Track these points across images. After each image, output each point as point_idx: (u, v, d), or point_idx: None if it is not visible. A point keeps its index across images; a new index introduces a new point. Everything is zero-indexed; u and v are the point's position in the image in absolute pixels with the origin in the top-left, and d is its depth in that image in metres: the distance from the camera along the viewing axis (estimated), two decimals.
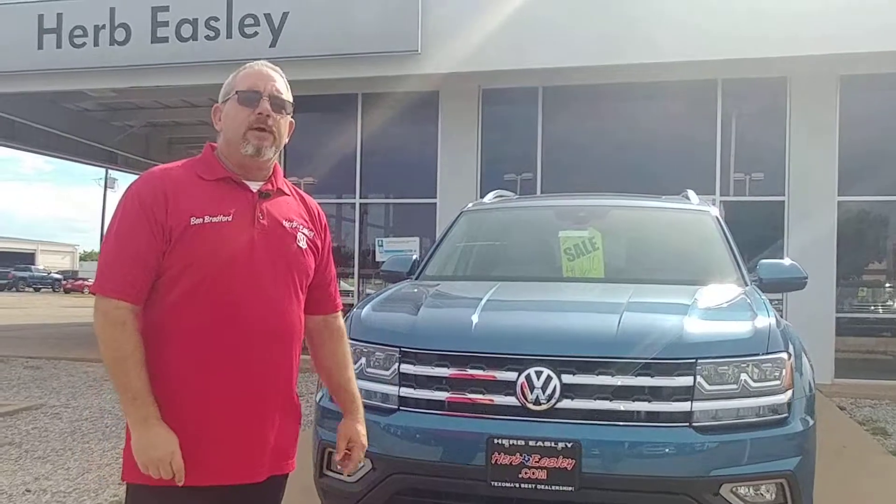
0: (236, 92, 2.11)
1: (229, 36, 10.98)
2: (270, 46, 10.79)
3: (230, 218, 2.03)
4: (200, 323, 1.99)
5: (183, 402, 2.00)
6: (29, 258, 65.05)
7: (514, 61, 10.32)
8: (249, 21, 10.92)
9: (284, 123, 2.15)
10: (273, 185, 2.16)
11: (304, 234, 2.18)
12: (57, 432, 6.41)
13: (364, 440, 2.33)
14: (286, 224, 2.14)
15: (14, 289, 51.47)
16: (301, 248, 2.16)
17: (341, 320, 2.41)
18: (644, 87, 10.95)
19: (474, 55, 10.30)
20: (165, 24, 11.22)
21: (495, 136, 11.57)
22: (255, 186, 2.12)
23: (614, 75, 10.54)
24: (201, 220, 1.99)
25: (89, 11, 11.60)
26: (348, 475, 2.23)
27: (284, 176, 2.24)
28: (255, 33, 10.89)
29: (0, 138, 17.27)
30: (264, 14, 10.85)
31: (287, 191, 2.22)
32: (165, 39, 11.21)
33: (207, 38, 11.05)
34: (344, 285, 12.59)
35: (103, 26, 11.49)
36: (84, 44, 11.59)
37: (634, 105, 11.42)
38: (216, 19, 11.01)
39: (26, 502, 4.60)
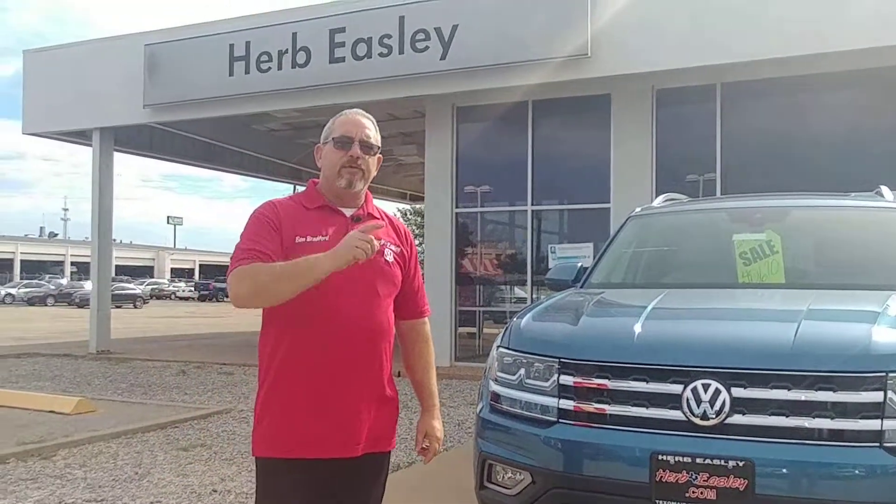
0: (332, 138, 2.54)
1: (401, 52, 11.28)
2: (441, 59, 11.00)
3: (327, 238, 2.44)
4: (306, 322, 2.40)
5: (294, 387, 2.43)
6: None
7: (689, 58, 9.89)
8: (420, 36, 11.16)
9: (373, 161, 2.58)
10: (364, 211, 2.58)
11: (391, 249, 2.58)
12: (244, 435, 6.78)
13: (439, 433, 2.69)
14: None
15: (214, 299, 55.44)
16: (388, 261, 2.56)
17: (427, 326, 2.78)
18: (833, 77, 10.15)
19: (646, 55, 10.00)
20: (342, 44, 11.71)
21: (671, 137, 11.18)
22: (348, 212, 2.55)
23: (799, 67, 9.86)
24: (304, 238, 2.44)
25: (274, 37, 12.33)
26: (425, 463, 2.46)
27: (460, 187, 2.37)
28: (426, 48, 11.12)
29: (199, 160, 18.78)
30: (434, 28, 11.05)
31: (377, 215, 2.62)
32: (342, 59, 11.71)
33: (381, 55, 11.42)
34: (518, 292, 12.59)
35: (286, 51, 12.17)
36: (269, 68, 12.34)
37: (822, 97, 10.63)
38: (389, 36, 11.35)
39: (212, 502, 4.89)
